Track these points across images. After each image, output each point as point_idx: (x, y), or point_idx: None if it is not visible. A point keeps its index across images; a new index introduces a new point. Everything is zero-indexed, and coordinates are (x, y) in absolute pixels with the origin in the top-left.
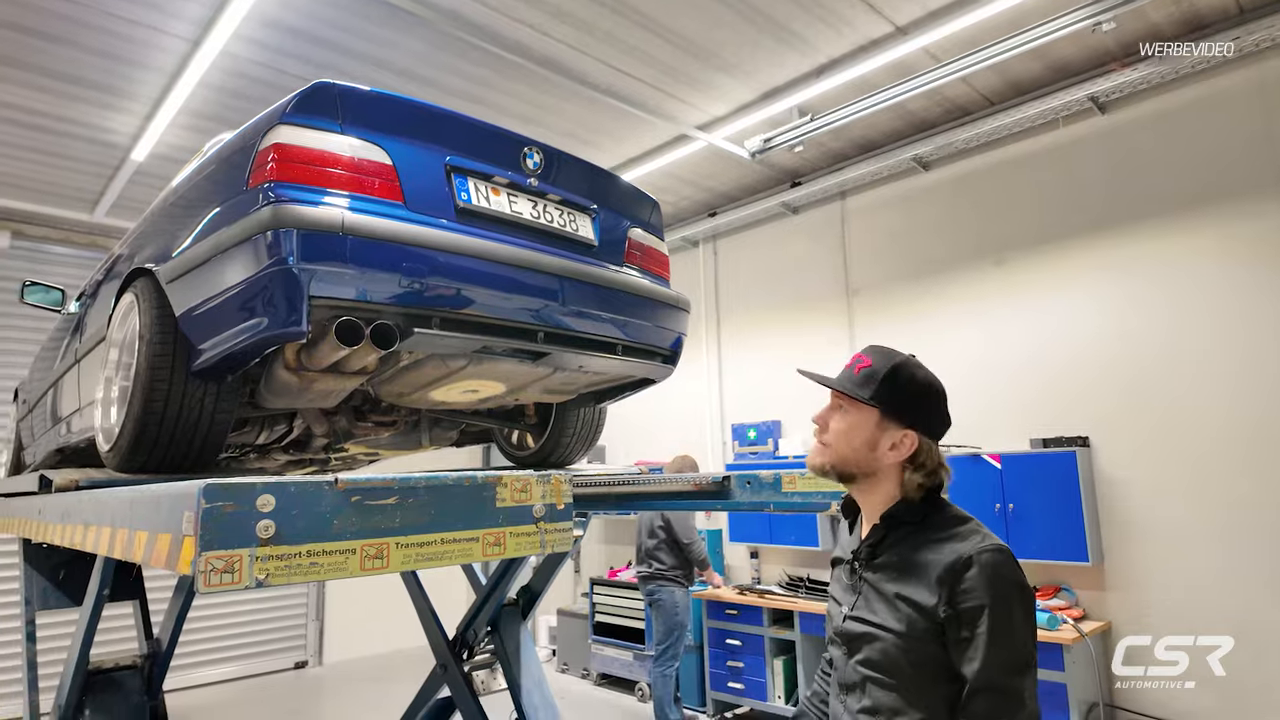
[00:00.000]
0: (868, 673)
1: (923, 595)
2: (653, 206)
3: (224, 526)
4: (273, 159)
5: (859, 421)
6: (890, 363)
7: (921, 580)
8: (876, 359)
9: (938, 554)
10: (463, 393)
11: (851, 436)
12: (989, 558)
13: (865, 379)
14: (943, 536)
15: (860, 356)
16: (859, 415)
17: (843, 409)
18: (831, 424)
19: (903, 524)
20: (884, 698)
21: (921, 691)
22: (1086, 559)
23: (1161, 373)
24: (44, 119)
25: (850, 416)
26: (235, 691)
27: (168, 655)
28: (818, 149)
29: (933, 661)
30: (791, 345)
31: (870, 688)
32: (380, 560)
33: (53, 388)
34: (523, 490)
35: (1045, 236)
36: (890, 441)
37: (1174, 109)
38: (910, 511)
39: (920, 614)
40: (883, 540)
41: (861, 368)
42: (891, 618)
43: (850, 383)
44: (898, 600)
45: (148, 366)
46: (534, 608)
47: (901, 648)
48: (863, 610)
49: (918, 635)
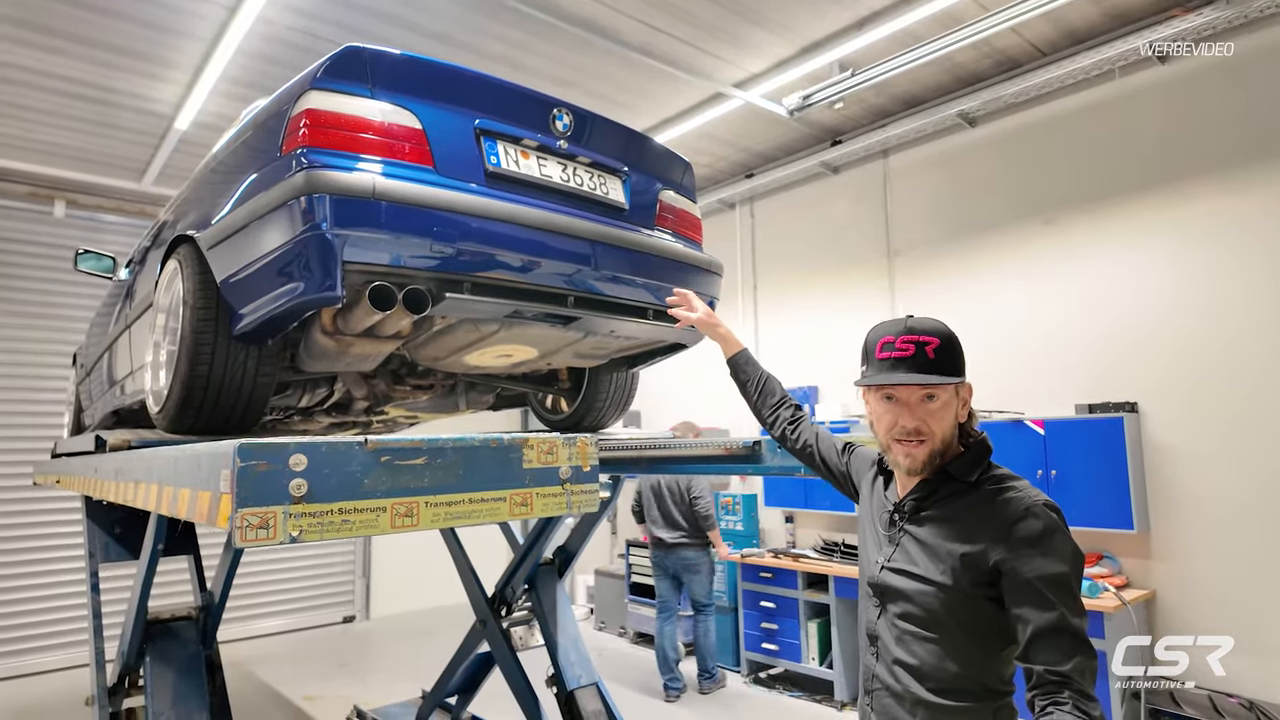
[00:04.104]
0: (907, 626)
1: (976, 546)
2: (685, 168)
3: (259, 484)
4: (305, 125)
5: (949, 399)
6: (945, 329)
7: (975, 532)
8: (935, 331)
9: (993, 506)
10: (496, 357)
11: (946, 417)
12: (1049, 509)
13: (943, 356)
14: (997, 490)
15: (916, 337)
16: (948, 394)
17: (932, 395)
18: (922, 414)
19: (953, 479)
20: (922, 651)
21: (960, 646)
22: (1132, 527)
23: (1217, 337)
24: (90, 89)
25: (942, 397)
26: (287, 643)
27: (220, 608)
28: (859, 105)
29: (976, 616)
30: (830, 309)
31: (909, 641)
32: (410, 518)
33: (107, 352)
34: (549, 452)
35: (1096, 195)
36: (961, 400)
37: (1240, 56)
38: (965, 468)
39: (969, 566)
40: (931, 494)
41: (932, 347)
42: (936, 570)
43: (938, 368)
44: (946, 553)
45: (192, 331)
46: (570, 567)
47: (944, 600)
48: (902, 562)
49: (963, 589)
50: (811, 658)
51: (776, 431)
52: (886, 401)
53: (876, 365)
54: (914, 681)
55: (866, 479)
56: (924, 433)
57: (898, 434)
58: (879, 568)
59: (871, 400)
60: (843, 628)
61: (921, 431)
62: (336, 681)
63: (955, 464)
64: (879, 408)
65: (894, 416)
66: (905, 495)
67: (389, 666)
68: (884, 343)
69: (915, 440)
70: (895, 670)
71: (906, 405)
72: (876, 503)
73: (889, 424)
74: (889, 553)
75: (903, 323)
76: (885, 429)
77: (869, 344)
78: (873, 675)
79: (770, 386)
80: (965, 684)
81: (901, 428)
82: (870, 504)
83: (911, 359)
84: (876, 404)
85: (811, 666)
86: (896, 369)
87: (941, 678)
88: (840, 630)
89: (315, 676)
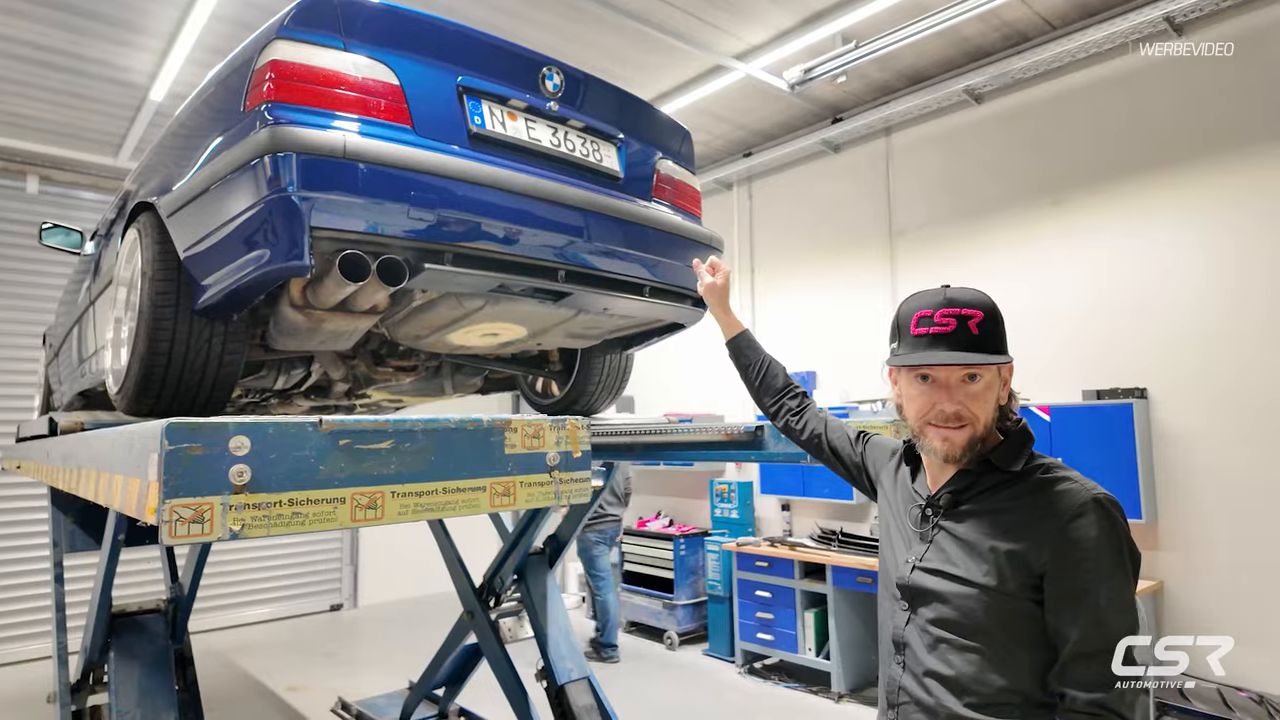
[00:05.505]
0: (941, 633)
1: (1025, 544)
2: (684, 136)
3: (192, 471)
4: (270, 78)
5: (991, 380)
6: (988, 299)
7: (1024, 528)
8: (978, 303)
9: (1044, 498)
10: (482, 336)
11: (989, 400)
12: (1106, 504)
13: (987, 332)
14: (1048, 480)
15: (957, 310)
16: (991, 374)
17: (974, 376)
18: (962, 397)
19: (995, 469)
20: (960, 661)
21: (1005, 656)
22: (1140, 516)
23: (1231, 321)
24: (59, 56)
25: (985, 378)
26: (272, 632)
27: (190, 600)
28: (862, 80)
29: (1024, 621)
30: (831, 291)
31: (944, 650)
32: (374, 510)
33: (73, 331)
34: (535, 436)
35: (1107, 174)
36: (1003, 381)
37: (1258, 28)
38: (1009, 456)
39: (1016, 567)
40: (970, 486)
41: (975, 321)
42: (979, 570)
43: (983, 346)
44: (989, 550)
45: (151, 305)
46: (560, 557)
47: (987, 604)
48: (937, 561)
49: (1009, 591)
50: (808, 648)
51: (780, 421)
52: (922, 383)
53: (911, 342)
54: (949, 695)
55: (888, 470)
56: (964, 417)
57: (934, 418)
58: (909, 568)
59: (903, 381)
60: (840, 618)
61: (962, 416)
62: (322, 672)
63: (998, 452)
64: (912, 389)
65: (930, 399)
66: (940, 487)
67: (377, 656)
68: (920, 316)
69: (954, 424)
70: (927, 682)
71: (945, 387)
72: (903, 496)
73: (923, 407)
74: (921, 551)
75: (941, 293)
76: (918, 413)
77: (902, 318)
78: (899, 687)
79: (773, 371)
80: (1008, 697)
81: (940, 412)
82: (895, 497)
83: (952, 335)
84: (909, 385)
85: (808, 657)
86: (935, 346)
87: (982, 690)
88: (838, 620)
89: (300, 667)
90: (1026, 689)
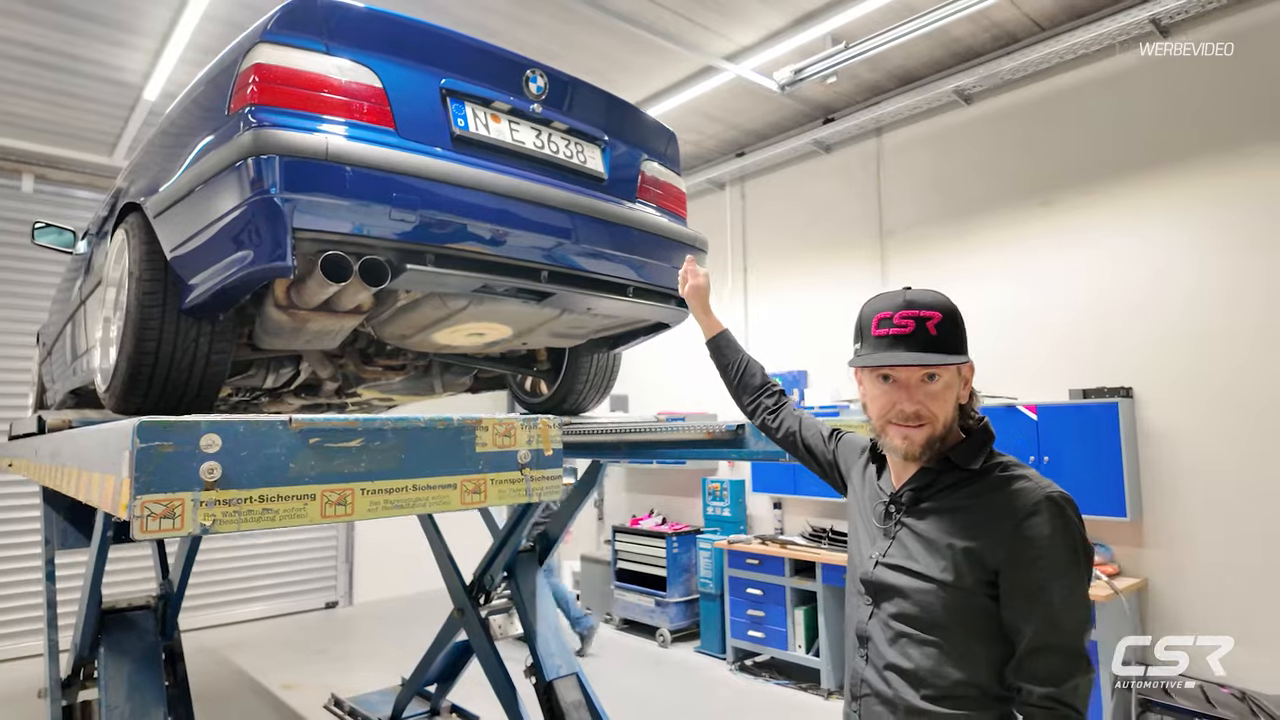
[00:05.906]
0: (901, 628)
1: (979, 542)
2: (669, 138)
3: (163, 468)
4: (254, 81)
5: (951, 380)
6: (947, 301)
7: (981, 525)
8: (937, 304)
9: (1000, 497)
10: (468, 336)
11: (948, 399)
12: (1060, 502)
13: (946, 333)
14: (1005, 479)
15: (916, 312)
16: (950, 374)
17: (934, 375)
18: (922, 396)
19: (955, 468)
20: (918, 655)
21: (963, 650)
22: (1125, 514)
23: (1216, 321)
24: (54, 56)
25: (944, 377)
26: (267, 629)
27: (179, 596)
28: (852, 81)
29: (980, 616)
30: (822, 291)
31: (903, 644)
32: (344, 507)
33: (65, 329)
34: (506, 434)
35: (1095, 175)
36: (964, 381)
37: (1245, 29)
38: (969, 454)
39: (973, 563)
40: (931, 484)
41: (934, 322)
42: (936, 566)
43: (941, 346)
44: (947, 547)
45: (138, 304)
46: (550, 554)
47: (945, 600)
48: (899, 557)
49: (966, 586)
50: (798, 645)
51: (757, 419)
52: (883, 383)
53: (873, 343)
54: (907, 687)
55: (856, 467)
56: (924, 416)
57: (894, 417)
58: (873, 563)
59: (866, 381)
60: (830, 615)
61: (921, 415)
62: (316, 669)
63: (958, 451)
64: (874, 389)
65: (891, 399)
66: (902, 485)
67: (371, 653)
68: (880, 318)
69: (914, 423)
70: (887, 675)
71: (905, 387)
72: (869, 493)
73: (884, 407)
74: (884, 547)
75: (901, 295)
76: (880, 412)
77: (864, 319)
78: (861, 680)
79: (751, 370)
80: (964, 690)
81: (900, 411)
82: (861, 494)
83: (911, 336)
84: (871, 385)
85: (798, 654)
86: (895, 347)
87: (939, 683)
88: (827, 618)
89: (294, 664)
90: (983, 682)
